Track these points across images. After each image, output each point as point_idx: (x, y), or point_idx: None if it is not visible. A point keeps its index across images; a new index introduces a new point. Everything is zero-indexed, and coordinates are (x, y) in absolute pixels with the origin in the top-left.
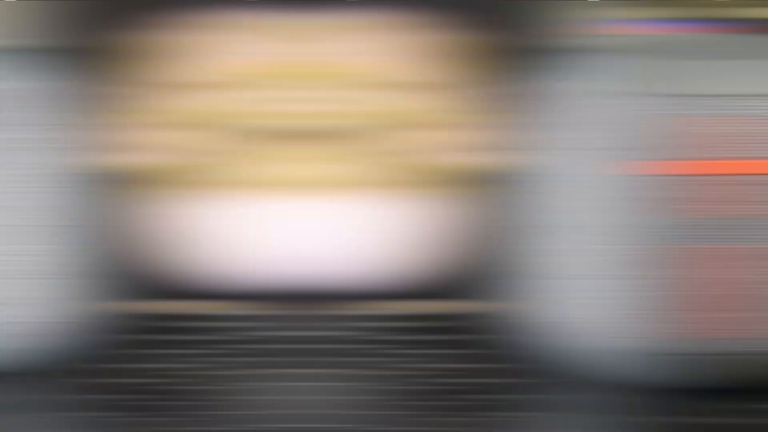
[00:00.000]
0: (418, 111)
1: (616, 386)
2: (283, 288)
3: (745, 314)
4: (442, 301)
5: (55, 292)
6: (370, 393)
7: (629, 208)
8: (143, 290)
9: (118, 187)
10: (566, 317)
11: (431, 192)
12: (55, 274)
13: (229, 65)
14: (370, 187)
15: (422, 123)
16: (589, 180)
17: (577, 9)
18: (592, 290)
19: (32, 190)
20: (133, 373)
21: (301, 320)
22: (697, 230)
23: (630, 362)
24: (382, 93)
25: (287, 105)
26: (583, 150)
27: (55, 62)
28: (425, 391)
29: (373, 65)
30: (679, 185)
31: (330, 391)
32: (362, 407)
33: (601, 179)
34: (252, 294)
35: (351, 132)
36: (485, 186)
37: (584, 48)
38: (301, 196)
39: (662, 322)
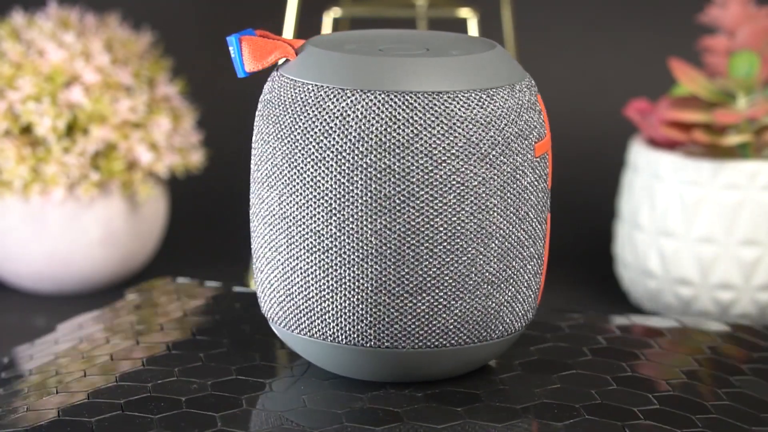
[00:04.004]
0: (110, 110)
1: None
2: None
3: None
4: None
5: None
6: None
7: None
8: None
9: None
10: None
11: (128, 192)
12: None
13: None
14: (69, 187)
15: (115, 122)
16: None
17: None
18: None
19: None
20: None
21: None
22: None
23: None
24: (77, 92)
25: None
26: None
27: None
28: None
29: (67, 63)
30: None
31: None
32: None
33: None
34: None
35: (49, 131)
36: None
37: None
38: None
39: None
